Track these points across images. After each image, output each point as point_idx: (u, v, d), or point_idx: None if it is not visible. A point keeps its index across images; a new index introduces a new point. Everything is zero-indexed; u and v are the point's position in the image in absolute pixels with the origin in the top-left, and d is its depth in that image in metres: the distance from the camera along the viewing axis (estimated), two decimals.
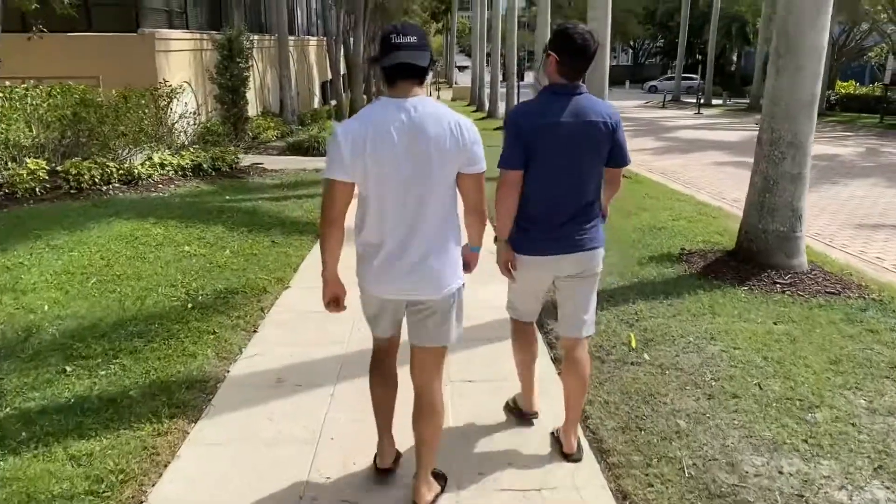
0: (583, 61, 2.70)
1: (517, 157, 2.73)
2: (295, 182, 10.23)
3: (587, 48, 2.67)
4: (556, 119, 2.68)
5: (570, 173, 2.73)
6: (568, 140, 2.69)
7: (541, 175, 2.73)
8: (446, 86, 52.35)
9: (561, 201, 2.76)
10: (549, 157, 2.71)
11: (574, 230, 2.78)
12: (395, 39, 2.30)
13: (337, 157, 2.32)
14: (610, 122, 2.74)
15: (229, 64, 13.44)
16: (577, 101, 2.70)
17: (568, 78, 2.71)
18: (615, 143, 2.77)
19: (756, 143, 5.51)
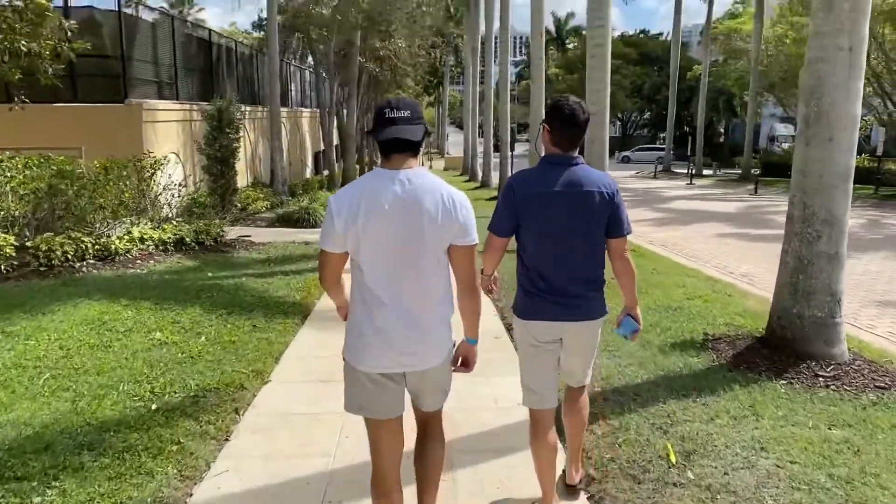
0: (573, 131, 2.75)
1: (505, 223, 2.80)
2: (282, 256, 9.71)
3: (576, 118, 2.74)
4: (551, 188, 2.72)
5: (569, 242, 2.74)
6: (563, 209, 2.71)
7: (538, 243, 2.76)
8: (438, 156, 52.79)
9: (561, 269, 2.77)
10: (545, 225, 2.73)
11: (577, 298, 2.79)
12: (390, 114, 2.34)
13: (330, 228, 2.35)
14: (607, 192, 2.75)
15: (218, 135, 13.12)
16: (573, 171, 2.74)
17: (561, 147, 2.77)
18: (613, 212, 2.76)
19: (786, 219, 5.04)
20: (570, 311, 2.79)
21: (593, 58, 10.02)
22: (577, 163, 2.78)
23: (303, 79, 30.75)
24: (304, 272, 8.36)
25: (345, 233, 2.33)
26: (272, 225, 13.10)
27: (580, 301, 2.79)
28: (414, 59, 29.01)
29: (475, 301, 2.52)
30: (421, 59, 29.79)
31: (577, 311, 2.80)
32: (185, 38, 16.24)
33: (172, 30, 15.18)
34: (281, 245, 10.75)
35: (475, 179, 28.74)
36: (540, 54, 14.69)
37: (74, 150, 10.96)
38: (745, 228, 15.04)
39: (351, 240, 2.34)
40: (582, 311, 2.81)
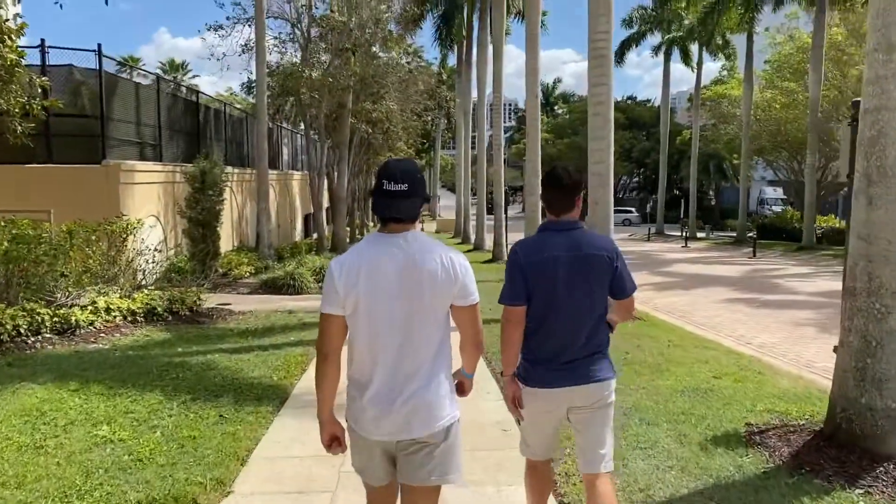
0: (560, 194, 2.80)
1: (518, 292, 2.77)
2: (262, 328, 8.89)
3: (560, 181, 2.80)
4: (555, 253, 2.75)
5: (573, 306, 2.75)
6: (567, 274, 2.73)
7: (544, 308, 2.76)
8: (430, 218, 52.48)
9: (567, 334, 2.77)
10: (550, 290, 2.74)
11: (583, 361, 2.78)
12: (387, 187, 2.32)
13: (331, 291, 2.34)
14: (609, 255, 2.79)
15: (201, 197, 12.48)
16: (575, 236, 2.79)
17: (553, 212, 2.83)
18: (616, 274, 2.80)
19: (844, 293, 4.32)
20: (577, 375, 2.77)
21: (596, 116, 9.52)
22: (576, 227, 2.82)
23: (294, 142, 30.57)
24: (283, 346, 7.53)
25: (345, 296, 2.32)
26: (255, 291, 12.31)
27: (586, 364, 2.78)
28: (406, 122, 28.89)
29: (479, 353, 2.55)
30: (413, 122, 29.70)
31: (584, 375, 2.78)
32: (171, 100, 15.81)
33: (157, 90, 14.75)
34: (262, 314, 9.94)
35: (468, 242, 28.19)
36: (536, 114, 14.30)
37: (43, 213, 10.26)
38: (752, 293, 14.36)
39: (350, 303, 2.32)
40: (589, 373, 2.79)
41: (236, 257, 14.22)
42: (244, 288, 12.67)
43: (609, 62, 9.43)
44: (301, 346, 7.57)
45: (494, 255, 19.67)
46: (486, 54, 24.60)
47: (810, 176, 26.69)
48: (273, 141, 27.31)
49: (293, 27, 17.42)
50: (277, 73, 17.77)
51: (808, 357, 8.30)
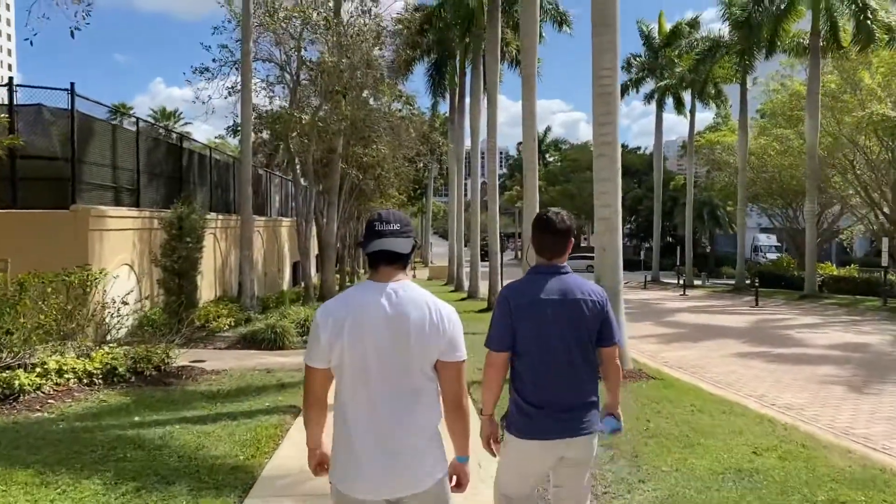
0: (550, 238, 2.81)
1: (504, 337, 2.75)
2: (236, 390, 7.96)
3: (552, 225, 2.81)
4: (542, 297, 2.72)
5: (562, 351, 2.71)
6: (556, 317, 2.71)
7: (532, 353, 2.72)
8: (422, 265, 51.72)
9: (557, 380, 2.72)
10: (539, 335, 2.71)
11: (577, 412, 2.73)
12: (379, 227, 2.33)
13: (316, 343, 2.29)
14: (597, 300, 2.78)
15: (177, 244, 11.65)
16: (563, 280, 2.77)
17: (543, 256, 2.83)
18: (604, 320, 2.78)
19: None
20: (570, 425, 2.72)
21: (601, 157, 8.84)
22: (565, 272, 2.80)
23: (286, 188, 29.90)
24: (256, 415, 6.61)
25: (330, 347, 2.27)
26: (233, 346, 11.38)
27: (578, 413, 2.73)
28: (398, 168, 28.38)
29: (464, 420, 2.40)
30: (405, 168, 29.20)
31: (578, 426, 2.73)
32: (151, 143, 15.11)
33: (137, 133, 14.05)
34: (237, 373, 9.01)
35: (461, 290, 27.36)
36: (533, 157, 13.68)
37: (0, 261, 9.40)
38: (764, 346, 13.53)
39: (336, 355, 2.27)
40: (583, 425, 2.74)
41: (215, 309, 13.31)
42: (222, 342, 11.74)
43: (615, 100, 8.80)
44: (276, 415, 6.65)
45: (490, 304, 18.85)
46: (479, 100, 24.25)
47: (810, 223, 26.17)
48: (262, 187, 26.66)
49: (282, 69, 16.88)
50: (265, 116, 17.15)
51: (844, 422, 7.46)
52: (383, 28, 16.08)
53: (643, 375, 8.81)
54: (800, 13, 26.38)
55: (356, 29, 15.67)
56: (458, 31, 25.78)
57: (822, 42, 25.12)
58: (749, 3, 25.58)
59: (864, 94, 26.28)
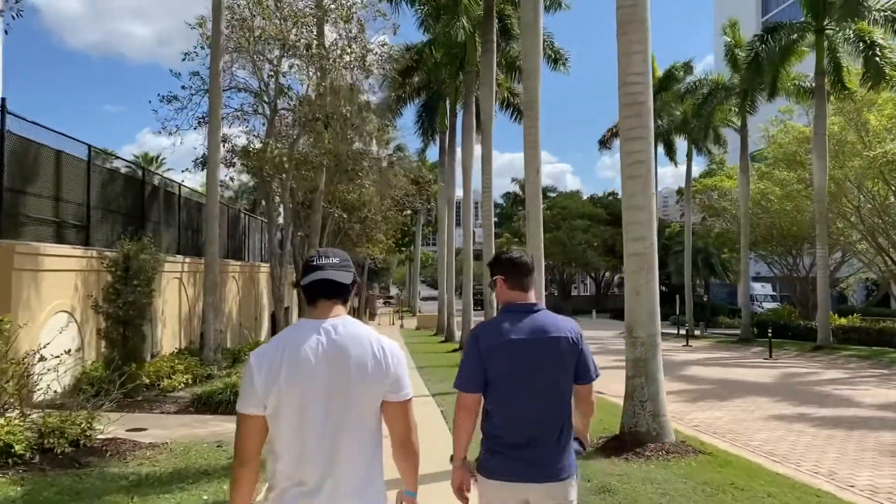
0: (524, 272, 2.80)
1: (475, 378, 2.68)
2: (172, 473, 6.12)
3: (522, 259, 2.83)
4: (516, 336, 2.67)
5: (536, 391, 2.65)
6: (530, 357, 2.65)
7: (505, 393, 2.66)
8: (409, 314, 49.78)
9: (529, 421, 2.65)
10: (512, 374, 2.64)
11: (545, 455, 2.64)
12: (317, 261, 2.27)
13: (249, 389, 2.15)
14: (572, 337, 2.72)
15: (123, 288, 9.88)
16: (537, 318, 2.72)
17: (516, 291, 2.78)
18: (580, 358, 2.73)
19: None
20: (536, 470, 2.62)
21: (633, 179, 7.28)
22: (538, 309, 2.76)
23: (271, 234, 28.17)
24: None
25: (266, 392, 2.12)
26: (186, 409, 9.50)
27: (548, 459, 2.64)
28: (385, 212, 26.87)
29: (413, 458, 2.31)
30: (392, 213, 27.71)
31: (543, 473, 2.63)
32: (106, 175, 13.46)
33: (88, 161, 12.40)
34: (181, 447, 7.18)
35: (452, 340, 25.52)
36: (537, 191, 12.13)
37: None
38: (802, 406, 11.81)
39: (272, 400, 2.12)
40: (549, 471, 2.63)
41: (168, 363, 11.41)
42: (173, 405, 9.85)
43: (647, 111, 7.29)
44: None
45: None
46: (471, 138, 22.91)
47: (822, 269, 24.77)
48: (240, 230, 25.01)
49: (257, 97, 15.39)
50: (237, 150, 15.57)
51: None
52: (369, 51, 14.63)
53: (689, 449, 7.06)
54: (801, 53, 25.59)
55: (339, 53, 14.25)
56: (448, 71, 24.66)
57: (826, 82, 24.20)
58: (756, 42, 24.70)
59: (870, 136, 25.27)
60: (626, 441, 7.14)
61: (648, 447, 6.92)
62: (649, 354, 7.20)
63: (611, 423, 8.87)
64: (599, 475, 6.05)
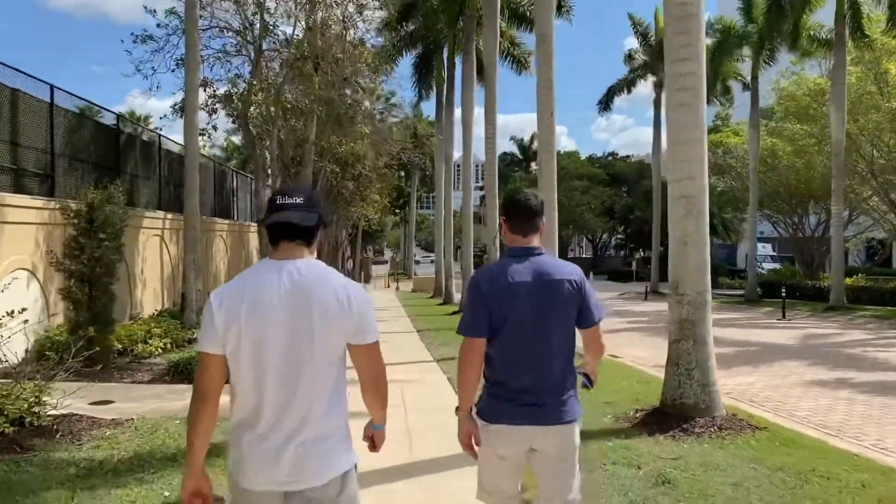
0: (529, 216, 2.75)
1: (480, 323, 2.64)
2: (131, 459, 5.05)
3: (529, 202, 2.77)
4: (518, 280, 2.63)
5: (539, 334, 2.62)
6: (532, 300, 2.61)
7: (507, 337, 2.63)
8: (405, 277, 48.76)
9: (532, 365, 2.62)
10: (514, 319, 2.61)
11: (548, 399, 2.61)
12: (280, 200, 2.20)
13: (209, 327, 2.13)
14: (575, 280, 2.68)
15: (87, 242, 8.71)
16: (539, 262, 2.68)
17: (521, 234, 2.74)
18: (583, 301, 2.68)
19: None
20: (540, 414, 2.59)
21: (681, 109, 6.11)
22: (540, 253, 2.72)
23: (255, 188, 26.90)
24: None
25: (225, 331, 2.10)
26: (161, 378, 8.44)
27: (551, 402, 2.61)
28: (380, 169, 25.62)
29: (382, 393, 2.30)
30: (386, 169, 26.45)
31: (547, 416, 2.60)
32: (73, 120, 12.15)
33: (51, 104, 11.10)
34: (149, 424, 6.11)
35: (451, 302, 24.49)
36: (551, 137, 10.94)
37: None
38: (839, 371, 10.82)
39: (232, 339, 2.10)
40: (553, 414, 2.61)
41: (142, 327, 10.29)
42: (146, 373, 8.78)
43: (698, 26, 6.08)
44: None
45: None
46: (472, 87, 21.49)
47: (837, 227, 23.68)
48: (227, 187, 23.72)
49: (240, 35, 14.00)
50: (220, 95, 14.23)
51: None
52: None
53: (743, 424, 6.04)
54: (820, 1, 24.18)
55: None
56: (447, 17, 23.09)
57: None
58: None
59: (890, 87, 24.01)
60: (669, 415, 6.11)
61: (697, 422, 5.90)
62: (698, 315, 6.13)
63: (642, 392, 7.86)
64: (650, 460, 5.01)
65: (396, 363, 10.37)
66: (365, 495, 4.57)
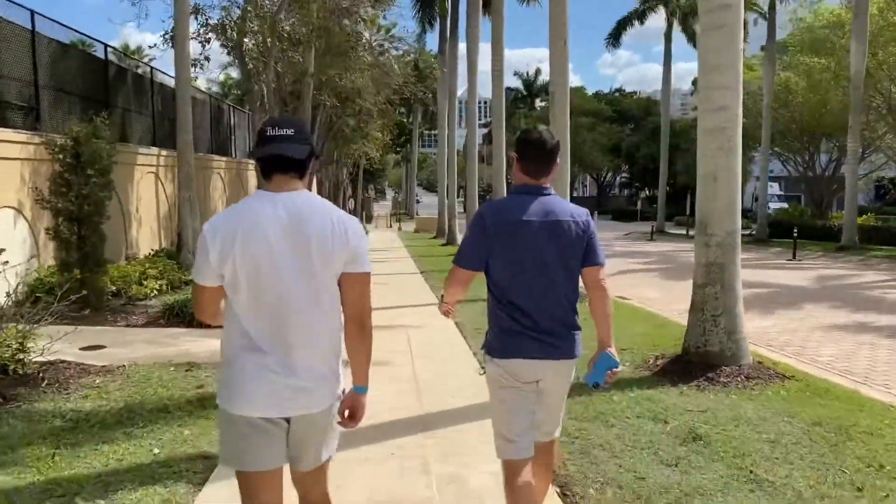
0: (543, 157, 2.67)
1: (476, 256, 2.64)
2: (120, 410, 4.72)
3: (544, 143, 2.68)
4: (524, 217, 2.60)
5: (541, 273, 2.59)
6: (536, 238, 2.59)
7: (512, 276, 2.61)
8: (407, 217, 48.31)
9: (536, 301, 2.60)
10: (518, 255, 2.59)
11: (554, 335, 2.61)
12: (271, 132, 2.17)
13: (204, 261, 2.12)
14: (581, 221, 2.65)
15: (74, 179, 8.23)
16: (545, 201, 2.65)
17: (532, 176, 2.68)
18: (588, 242, 2.65)
19: None
20: (551, 349, 2.60)
21: (717, 31, 5.55)
22: (548, 192, 2.68)
23: (251, 124, 26.15)
24: (129, 487, 3.40)
25: (220, 263, 2.09)
26: (156, 322, 8.09)
27: (560, 337, 2.62)
28: (381, 104, 24.74)
29: (366, 342, 2.23)
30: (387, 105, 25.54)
31: (557, 350, 2.61)
32: (58, 50, 11.45)
33: (33, 31, 10.42)
34: (141, 371, 5.77)
35: (454, 243, 24.09)
36: (565, 62, 10.27)
37: None
38: (858, 315, 10.48)
39: (227, 270, 2.09)
40: (562, 349, 2.62)
41: (139, 268, 9.90)
42: (141, 315, 8.44)
43: None
44: (161, 487, 3.45)
45: None
46: (477, 11, 20.46)
47: (853, 164, 23.01)
48: (224, 123, 22.99)
49: None
50: (213, 24, 13.46)
51: None
52: None
53: (770, 374, 5.69)
54: None
55: None
56: None
57: None
58: None
59: None
60: (692, 363, 5.75)
61: (722, 371, 5.55)
62: (727, 258, 5.70)
63: (659, 337, 7.50)
64: (676, 413, 4.66)
65: (402, 306, 10.05)
66: (371, 450, 4.30)
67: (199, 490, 3.46)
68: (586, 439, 4.16)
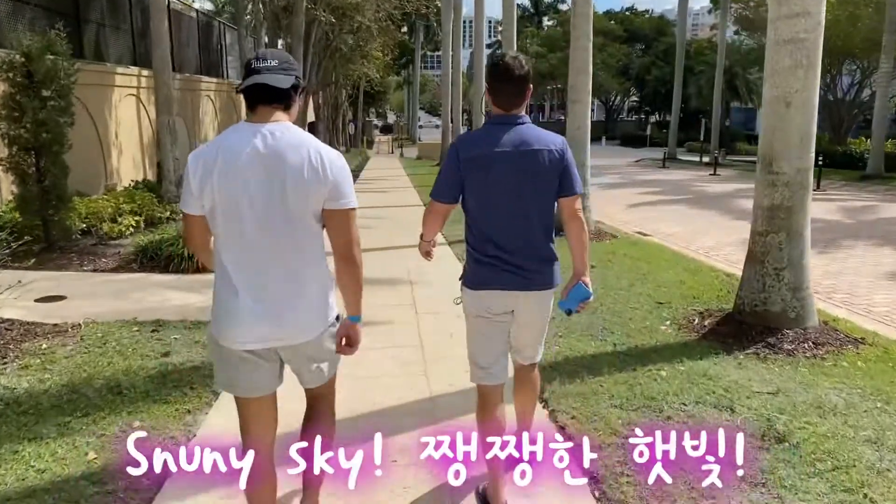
0: (509, 87, 2.58)
1: (450, 188, 2.61)
2: (59, 391, 3.87)
3: (509, 71, 2.57)
4: (496, 149, 2.55)
5: (516, 204, 2.56)
6: (509, 169, 2.54)
7: (486, 207, 2.58)
8: (409, 143, 46.80)
9: (510, 233, 2.58)
10: (491, 187, 2.56)
11: (529, 266, 2.60)
12: (255, 64, 2.13)
13: (187, 189, 2.12)
14: (556, 150, 2.59)
15: (28, 102, 7.14)
16: (519, 131, 2.59)
17: (501, 106, 2.61)
18: (563, 170, 2.60)
19: None
20: (524, 280, 2.59)
21: None
22: (522, 122, 2.61)
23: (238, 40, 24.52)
24: None
25: (200, 192, 2.08)
26: (128, 266, 7.18)
27: (534, 269, 2.60)
28: (380, 21, 23.10)
29: (355, 274, 2.21)
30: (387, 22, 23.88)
31: (531, 281, 2.60)
32: None
33: None
34: (97, 335, 4.90)
35: None
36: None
37: None
38: (872, 237, 9.55)
39: (207, 200, 2.09)
40: (536, 280, 2.61)
41: (110, 203, 8.92)
42: (112, 258, 7.52)
43: None
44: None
45: None
46: None
47: (884, 88, 21.58)
48: (214, 41, 21.47)
49: None
50: None
51: None
52: None
53: (842, 338, 4.79)
54: None
55: None
56: None
57: None
58: None
59: None
60: (747, 324, 4.86)
61: (785, 335, 4.66)
62: (796, 200, 4.71)
63: (697, 287, 6.57)
64: (741, 396, 3.78)
65: (405, 246, 9.10)
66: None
67: None
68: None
